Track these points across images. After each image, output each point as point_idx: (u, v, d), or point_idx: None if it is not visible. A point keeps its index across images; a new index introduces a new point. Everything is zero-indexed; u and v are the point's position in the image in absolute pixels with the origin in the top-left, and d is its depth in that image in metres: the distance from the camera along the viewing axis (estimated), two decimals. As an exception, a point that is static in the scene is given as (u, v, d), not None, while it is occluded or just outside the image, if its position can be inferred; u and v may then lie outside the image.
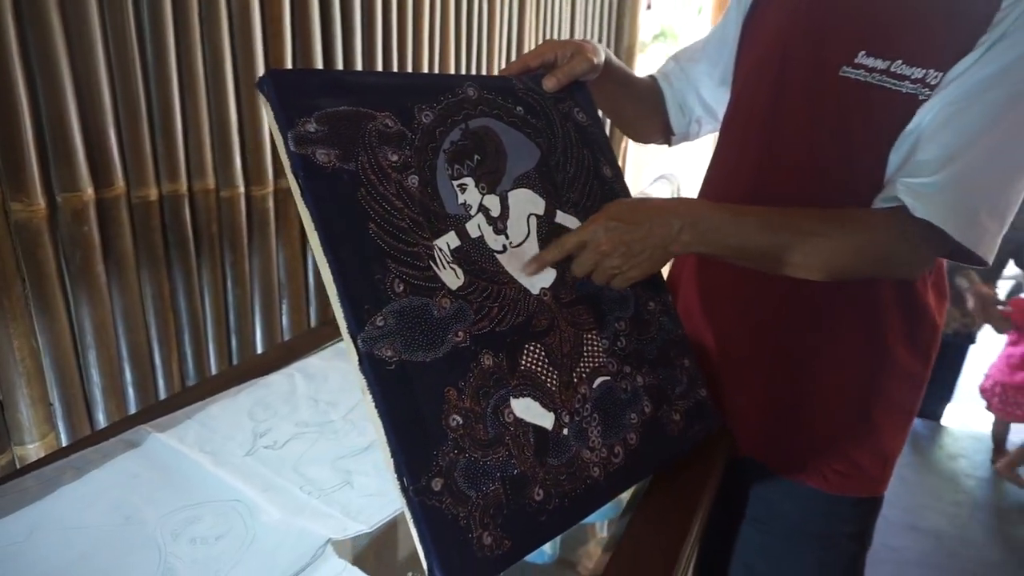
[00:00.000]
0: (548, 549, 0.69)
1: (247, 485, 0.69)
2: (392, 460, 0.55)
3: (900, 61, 0.72)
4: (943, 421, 2.84)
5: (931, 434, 2.79)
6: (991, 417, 2.61)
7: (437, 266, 0.62)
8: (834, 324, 0.84)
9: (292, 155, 0.57)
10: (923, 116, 0.71)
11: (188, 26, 1.00)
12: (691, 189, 3.36)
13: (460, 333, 0.61)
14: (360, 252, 0.58)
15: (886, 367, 0.86)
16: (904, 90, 0.72)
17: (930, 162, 0.69)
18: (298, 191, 0.58)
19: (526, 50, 1.82)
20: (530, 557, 0.64)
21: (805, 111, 0.80)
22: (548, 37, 1.95)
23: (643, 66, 2.67)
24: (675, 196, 3.02)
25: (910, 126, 0.72)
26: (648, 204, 0.71)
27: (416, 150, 0.64)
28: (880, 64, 0.73)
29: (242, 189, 1.14)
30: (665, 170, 3.02)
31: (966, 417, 2.86)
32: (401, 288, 0.59)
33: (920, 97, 0.71)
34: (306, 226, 0.58)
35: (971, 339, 2.73)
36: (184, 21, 1.00)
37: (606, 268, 0.69)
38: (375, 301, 0.57)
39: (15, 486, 0.66)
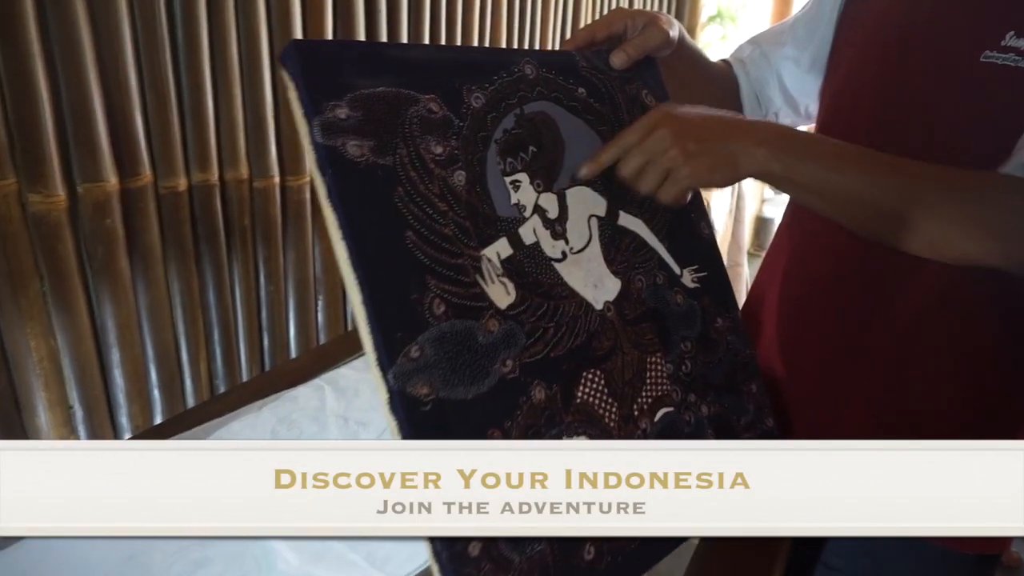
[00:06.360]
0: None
1: (265, 520, 0.62)
2: (425, 517, 0.47)
3: None
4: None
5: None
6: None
7: (484, 280, 0.53)
8: (965, 326, 0.71)
9: (318, 147, 0.49)
10: None
11: (222, 3, 0.95)
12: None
13: (508, 362, 0.52)
14: (395, 268, 0.49)
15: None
16: None
17: None
18: (324, 191, 0.49)
19: (582, 26, 1.73)
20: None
21: (930, 99, 0.71)
22: (606, 12, 1.85)
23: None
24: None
25: None
26: (730, 112, 0.65)
27: (464, 140, 0.56)
28: None
29: (277, 179, 1.10)
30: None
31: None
32: (442, 310, 0.50)
33: None
34: (331, 234, 0.49)
35: None
36: (217, -3, 0.94)
37: (662, 162, 0.60)
38: (410, 327, 0.49)
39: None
